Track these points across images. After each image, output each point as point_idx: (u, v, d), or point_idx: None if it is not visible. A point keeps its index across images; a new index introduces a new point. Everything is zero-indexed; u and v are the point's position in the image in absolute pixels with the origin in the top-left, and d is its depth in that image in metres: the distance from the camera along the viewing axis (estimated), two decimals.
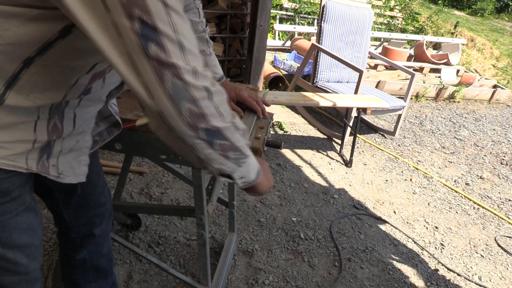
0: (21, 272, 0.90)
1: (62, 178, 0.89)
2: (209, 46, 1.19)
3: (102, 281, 1.28)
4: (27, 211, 0.87)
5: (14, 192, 0.82)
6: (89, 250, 1.19)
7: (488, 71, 7.36)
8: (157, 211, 1.79)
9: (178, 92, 0.60)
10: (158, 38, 0.57)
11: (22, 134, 0.77)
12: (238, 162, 0.75)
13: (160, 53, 0.58)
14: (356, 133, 3.06)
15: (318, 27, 3.49)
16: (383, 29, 7.72)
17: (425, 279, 2.07)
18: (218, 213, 2.24)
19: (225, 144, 0.70)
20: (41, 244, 0.94)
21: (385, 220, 2.49)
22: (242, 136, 0.74)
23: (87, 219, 1.14)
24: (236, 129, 0.71)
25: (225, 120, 0.68)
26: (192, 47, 0.62)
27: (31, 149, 0.79)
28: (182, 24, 0.60)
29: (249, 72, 3.24)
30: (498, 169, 3.54)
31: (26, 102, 0.73)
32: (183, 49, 0.60)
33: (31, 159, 0.80)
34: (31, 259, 0.91)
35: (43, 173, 0.84)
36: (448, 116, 4.70)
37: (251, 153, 0.79)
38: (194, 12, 1.13)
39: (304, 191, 2.64)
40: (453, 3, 12.58)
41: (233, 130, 0.70)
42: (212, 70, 1.20)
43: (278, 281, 1.87)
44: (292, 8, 7.04)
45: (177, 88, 0.60)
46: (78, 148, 0.91)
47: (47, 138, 0.81)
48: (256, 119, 1.23)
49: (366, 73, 3.76)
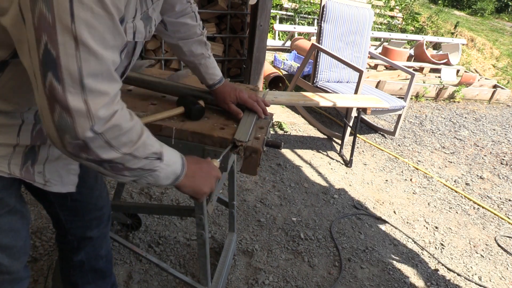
0: (3, 271, 0.91)
1: (49, 186, 0.89)
2: (207, 48, 1.19)
3: (101, 282, 1.28)
4: (10, 213, 0.87)
5: None
6: (86, 252, 1.19)
7: (488, 71, 7.36)
8: (157, 211, 1.79)
9: (64, 126, 0.60)
10: (58, 71, 0.57)
11: (3, 137, 0.77)
12: (139, 177, 0.75)
13: (56, 86, 0.57)
14: (356, 133, 3.06)
15: (318, 27, 3.49)
16: (383, 29, 7.72)
17: (425, 279, 2.07)
18: (218, 213, 2.24)
19: (117, 167, 0.69)
20: (26, 245, 0.94)
21: (385, 220, 2.49)
22: (147, 158, 0.72)
23: (84, 222, 1.14)
24: (134, 157, 0.70)
25: (118, 151, 0.67)
26: (99, 86, 0.60)
27: (12, 153, 0.80)
28: (93, 62, 0.59)
29: (249, 72, 3.24)
30: (498, 169, 3.54)
31: (6, 106, 0.74)
32: (84, 89, 0.58)
33: (14, 164, 0.81)
34: (13, 260, 0.91)
35: (28, 179, 0.84)
36: (448, 116, 4.70)
37: (168, 160, 0.78)
38: (191, 16, 1.14)
39: (304, 191, 2.64)
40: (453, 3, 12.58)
41: (128, 159, 0.69)
42: (212, 73, 1.20)
43: (278, 281, 1.87)
44: (292, 8, 7.03)
45: (64, 123, 0.59)
46: (66, 157, 0.91)
47: (30, 142, 0.81)
48: (256, 119, 1.23)
49: (366, 73, 3.76)
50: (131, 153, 0.69)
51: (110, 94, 0.62)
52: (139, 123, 0.71)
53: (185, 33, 1.14)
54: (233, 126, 1.18)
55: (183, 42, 1.15)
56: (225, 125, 1.17)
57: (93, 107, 0.60)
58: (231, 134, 1.12)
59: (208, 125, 1.16)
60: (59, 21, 0.55)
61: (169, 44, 1.17)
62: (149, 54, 3.26)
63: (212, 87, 1.22)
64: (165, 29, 1.12)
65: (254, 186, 2.59)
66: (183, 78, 1.44)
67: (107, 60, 0.61)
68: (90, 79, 0.59)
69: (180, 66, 3.34)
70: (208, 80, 1.21)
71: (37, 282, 1.64)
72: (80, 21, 0.56)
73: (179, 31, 1.13)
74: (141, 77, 1.28)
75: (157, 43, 3.24)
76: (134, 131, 0.69)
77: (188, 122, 1.16)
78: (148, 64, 1.47)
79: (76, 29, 0.56)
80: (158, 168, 0.76)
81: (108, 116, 0.63)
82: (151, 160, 0.74)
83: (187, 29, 1.13)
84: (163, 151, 0.77)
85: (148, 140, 0.72)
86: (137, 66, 1.38)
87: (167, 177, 0.80)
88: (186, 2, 1.12)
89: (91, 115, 0.60)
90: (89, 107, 0.60)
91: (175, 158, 0.82)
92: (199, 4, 3.23)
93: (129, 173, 0.72)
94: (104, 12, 0.58)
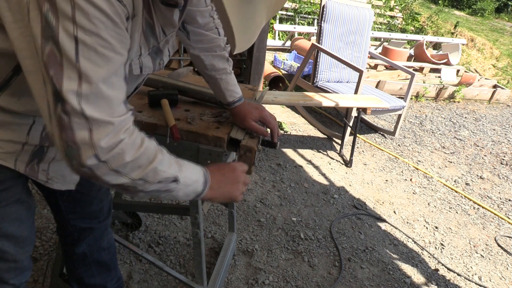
0: (9, 259, 0.92)
1: (51, 184, 0.92)
2: (229, 64, 1.16)
3: (105, 275, 1.29)
4: (17, 202, 0.89)
5: (4, 183, 0.84)
6: (88, 244, 1.20)
7: (488, 71, 7.36)
8: (154, 209, 1.79)
9: (71, 153, 0.63)
10: (64, 105, 0.60)
11: (13, 134, 0.80)
12: (157, 196, 0.77)
13: (64, 117, 0.61)
14: (356, 133, 3.06)
15: (318, 27, 3.48)
16: (383, 29, 7.72)
17: (425, 279, 2.07)
18: (218, 213, 2.24)
19: (129, 189, 0.71)
20: (31, 235, 0.96)
21: (385, 220, 2.49)
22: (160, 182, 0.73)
23: (84, 214, 1.15)
24: (145, 182, 0.71)
25: (127, 177, 0.68)
26: (103, 116, 0.62)
27: (21, 151, 0.82)
28: (98, 93, 0.61)
29: (249, 72, 3.24)
30: (498, 169, 3.54)
31: (17, 106, 0.77)
32: (88, 119, 0.61)
33: (21, 161, 0.83)
34: (19, 248, 0.93)
35: (31, 176, 0.87)
36: (448, 116, 4.70)
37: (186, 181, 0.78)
38: (214, 32, 1.11)
39: (304, 191, 2.64)
40: (453, 3, 12.58)
41: (140, 183, 0.70)
42: (232, 89, 1.16)
43: (278, 281, 1.87)
44: (292, 8, 7.03)
45: (70, 150, 0.63)
46: None
47: (39, 143, 0.84)
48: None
49: (366, 73, 3.76)
50: (141, 178, 0.70)
51: (114, 124, 0.64)
52: (151, 148, 0.71)
53: (208, 44, 1.11)
54: (229, 125, 1.17)
55: (205, 54, 1.12)
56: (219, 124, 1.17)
57: (95, 137, 0.62)
58: (226, 133, 1.12)
59: (203, 124, 1.16)
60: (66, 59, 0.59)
61: (191, 56, 1.13)
62: None
63: (232, 105, 1.16)
64: (187, 38, 1.10)
65: (254, 186, 2.59)
66: (183, 76, 1.45)
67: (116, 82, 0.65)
68: (90, 111, 0.62)
69: (180, 66, 3.34)
70: (227, 97, 1.15)
71: (37, 282, 1.64)
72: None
73: (202, 41, 1.10)
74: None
75: None
76: (143, 158, 0.69)
77: (183, 121, 1.16)
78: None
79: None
80: (175, 189, 0.77)
81: (112, 145, 0.64)
82: (165, 184, 0.74)
83: (210, 40, 1.10)
84: (179, 175, 0.76)
85: (160, 166, 0.72)
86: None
87: (186, 195, 0.81)
88: (209, 16, 1.09)
89: (93, 144, 0.62)
90: (92, 136, 0.62)
91: (195, 177, 0.81)
92: None
93: (144, 194, 0.74)
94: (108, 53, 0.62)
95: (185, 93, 1.28)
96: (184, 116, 1.19)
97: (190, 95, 1.28)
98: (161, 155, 0.73)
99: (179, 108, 1.23)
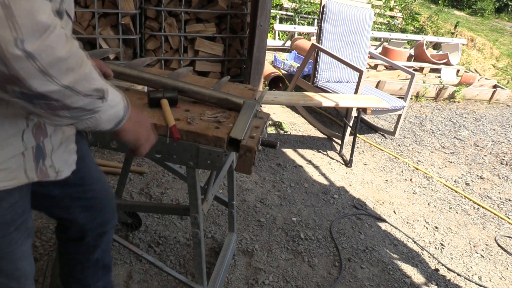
0: None
1: (60, 175, 0.88)
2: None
3: (107, 277, 1.29)
4: (29, 237, 0.85)
5: (17, 220, 0.80)
6: (102, 249, 1.19)
7: (488, 71, 7.35)
8: (154, 209, 1.80)
9: None
10: None
11: (12, 148, 0.75)
12: (78, 119, 0.68)
13: None
14: (356, 133, 3.06)
15: (318, 27, 3.48)
16: (383, 29, 7.72)
17: (425, 279, 2.07)
18: (218, 213, 2.24)
19: (52, 104, 0.61)
20: (32, 268, 0.93)
21: (385, 220, 2.49)
22: (89, 96, 0.64)
23: (104, 217, 1.13)
24: (74, 93, 0.61)
25: (57, 82, 0.58)
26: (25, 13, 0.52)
27: (24, 160, 0.78)
28: None
29: (249, 72, 3.24)
30: (498, 169, 3.54)
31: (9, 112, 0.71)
32: (10, 17, 0.51)
33: (29, 169, 0.79)
34: (32, 281, 0.91)
35: (43, 178, 0.83)
36: (448, 116, 4.70)
37: (111, 100, 0.71)
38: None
39: (304, 191, 2.64)
40: (453, 3, 12.57)
41: (68, 94, 0.61)
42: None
43: (278, 281, 1.87)
44: (292, 8, 7.03)
45: None
46: (66, 139, 0.89)
47: (35, 141, 0.80)
48: (252, 117, 1.22)
49: (366, 73, 3.76)
50: (71, 85, 0.60)
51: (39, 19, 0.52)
52: (77, 46, 0.61)
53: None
54: (229, 125, 1.17)
55: None
56: (219, 124, 1.17)
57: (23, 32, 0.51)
58: (226, 133, 1.12)
59: (203, 124, 1.16)
60: None
61: None
62: (149, 54, 3.26)
63: None
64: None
65: (254, 186, 2.59)
66: (183, 76, 1.44)
67: None
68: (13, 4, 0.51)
69: (180, 66, 3.34)
70: None
71: (37, 282, 1.64)
72: None
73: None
74: (141, 74, 1.28)
75: (157, 43, 3.24)
76: (73, 58, 0.59)
77: (183, 121, 1.15)
78: (149, 61, 1.47)
79: None
80: (101, 109, 0.68)
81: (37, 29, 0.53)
82: (93, 99, 0.66)
83: None
84: (108, 88, 0.68)
85: (91, 73, 0.63)
86: (138, 64, 1.38)
87: (109, 121, 0.74)
88: None
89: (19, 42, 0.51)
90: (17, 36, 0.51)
91: (118, 98, 0.74)
92: (199, 4, 3.23)
93: (67, 113, 0.64)
94: None
95: (185, 93, 1.28)
96: (184, 116, 1.19)
97: (190, 95, 1.28)
98: (88, 59, 0.64)
99: (179, 108, 1.23)
